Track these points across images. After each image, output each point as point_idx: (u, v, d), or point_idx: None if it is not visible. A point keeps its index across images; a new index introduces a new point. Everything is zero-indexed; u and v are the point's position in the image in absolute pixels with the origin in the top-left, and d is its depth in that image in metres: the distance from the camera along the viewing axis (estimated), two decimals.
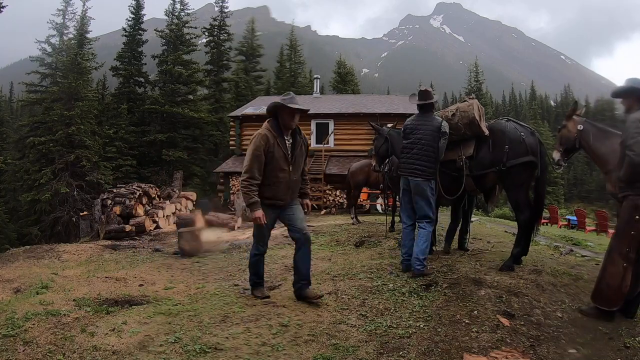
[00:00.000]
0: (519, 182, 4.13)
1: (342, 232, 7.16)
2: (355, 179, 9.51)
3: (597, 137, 4.03)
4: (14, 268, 5.44)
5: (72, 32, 23.05)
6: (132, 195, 10.03)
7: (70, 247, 6.93)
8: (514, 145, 4.09)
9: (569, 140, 4.13)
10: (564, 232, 11.00)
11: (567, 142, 4.15)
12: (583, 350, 2.66)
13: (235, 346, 2.60)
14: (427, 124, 4.12)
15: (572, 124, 4.12)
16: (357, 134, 15.90)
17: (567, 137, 4.14)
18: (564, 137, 4.16)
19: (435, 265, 4.33)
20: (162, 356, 2.47)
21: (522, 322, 2.96)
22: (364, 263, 4.57)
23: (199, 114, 23.33)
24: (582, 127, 4.06)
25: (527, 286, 3.55)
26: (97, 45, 25.27)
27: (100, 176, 18.91)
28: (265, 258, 5.14)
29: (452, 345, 2.69)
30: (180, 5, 25.93)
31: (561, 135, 4.19)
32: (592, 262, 5.01)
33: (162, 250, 6.82)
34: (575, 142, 4.07)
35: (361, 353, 2.60)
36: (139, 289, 4.06)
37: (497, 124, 4.37)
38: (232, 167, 16.20)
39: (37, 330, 2.75)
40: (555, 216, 15.19)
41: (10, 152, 21.71)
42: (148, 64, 26.15)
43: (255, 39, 33.13)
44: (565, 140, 4.16)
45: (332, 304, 3.36)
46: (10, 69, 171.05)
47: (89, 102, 20.15)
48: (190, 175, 22.34)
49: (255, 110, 17.42)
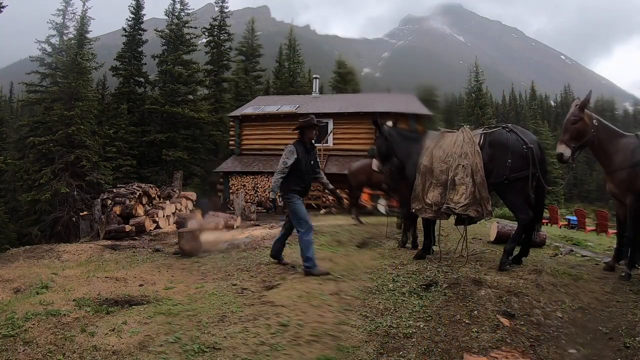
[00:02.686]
0: (518, 190, 4.17)
1: (343, 232, 7.15)
2: (356, 178, 9.47)
3: (609, 135, 3.83)
4: (14, 268, 5.44)
5: (72, 32, 23.05)
6: (132, 195, 10.02)
7: (70, 247, 6.93)
8: (516, 160, 4.07)
9: (586, 135, 3.75)
10: (564, 232, 10.99)
11: (584, 137, 3.75)
12: (583, 350, 2.66)
13: (233, 345, 2.60)
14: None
15: (588, 118, 3.79)
16: (356, 133, 15.90)
17: (583, 132, 3.76)
18: (581, 131, 3.76)
19: (435, 265, 4.34)
20: (161, 356, 2.47)
21: (522, 322, 2.96)
22: (366, 264, 4.56)
23: (199, 114, 23.32)
24: (597, 122, 3.78)
25: (527, 286, 3.55)
26: (97, 45, 25.25)
27: (100, 176, 18.91)
28: (264, 257, 5.16)
29: (452, 345, 2.69)
30: (180, 5, 25.95)
31: (577, 129, 3.79)
32: (592, 262, 5.01)
33: (162, 250, 6.81)
34: (593, 138, 3.73)
35: (361, 353, 2.59)
36: (139, 289, 4.06)
37: (500, 136, 4.27)
38: (232, 167, 16.20)
39: (37, 330, 2.75)
40: (555, 216, 15.17)
41: (10, 152, 21.71)
42: (148, 64, 26.14)
43: (255, 39, 33.13)
44: (582, 134, 3.75)
45: (335, 304, 3.35)
46: (10, 69, 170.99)
47: (89, 102, 20.14)
48: (190, 175, 22.34)
49: (255, 110, 17.43)
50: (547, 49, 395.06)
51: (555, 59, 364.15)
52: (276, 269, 4.67)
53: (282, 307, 3.24)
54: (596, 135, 3.82)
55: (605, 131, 3.88)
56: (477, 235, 6.51)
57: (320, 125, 3.94)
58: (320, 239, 6.48)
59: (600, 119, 3.98)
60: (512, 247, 4.27)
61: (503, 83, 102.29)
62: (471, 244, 5.42)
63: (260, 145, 16.90)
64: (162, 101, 23.05)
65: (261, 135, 16.95)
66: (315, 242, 6.04)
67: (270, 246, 6.00)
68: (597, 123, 3.86)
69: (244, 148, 17.15)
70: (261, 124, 17.05)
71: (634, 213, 3.94)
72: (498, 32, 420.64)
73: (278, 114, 16.86)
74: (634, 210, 3.92)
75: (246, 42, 32.59)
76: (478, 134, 4.41)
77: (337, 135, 16.15)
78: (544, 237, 6.15)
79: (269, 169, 15.52)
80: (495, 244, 5.87)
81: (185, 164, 22.02)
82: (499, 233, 5.93)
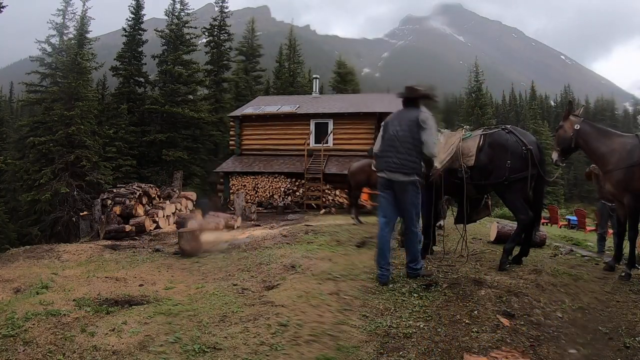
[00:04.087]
0: (517, 190, 4.19)
1: (343, 232, 7.15)
2: (356, 178, 9.49)
3: (596, 137, 4.09)
4: (14, 268, 5.44)
5: (72, 32, 23.06)
6: (132, 195, 10.02)
7: (70, 247, 6.92)
8: (516, 161, 4.11)
9: (565, 140, 4.20)
10: (564, 232, 11.00)
11: (564, 142, 4.22)
12: (583, 350, 2.66)
13: (233, 345, 2.60)
14: (404, 116, 3.92)
15: (569, 124, 4.20)
16: (356, 133, 15.89)
17: (563, 137, 4.22)
18: (560, 137, 4.24)
19: (435, 265, 4.34)
20: (162, 356, 2.47)
21: (522, 322, 2.96)
22: (366, 263, 4.56)
23: (199, 114, 23.34)
24: (579, 127, 4.13)
25: (527, 286, 3.56)
26: (97, 45, 25.27)
27: (100, 176, 18.91)
28: (264, 257, 5.17)
29: (452, 345, 2.68)
30: (180, 5, 25.97)
31: (558, 135, 4.26)
32: (592, 262, 5.02)
33: (162, 250, 6.81)
34: (572, 142, 4.15)
35: (361, 353, 2.59)
36: (139, 289, 4.06)
37: (499, 137, 4.31)
38: (232, 167, 16.19)
39: (37, 330, 2.75)
40: (555, 216, 15.19)
41: (10, 152, 21.72)
42: (148, 64, 26.15)
43: (255, 39, 33.14)
44: (562, 140, 4.23)
45: (335, 304, 3.35)
46: (10, 69, 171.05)
47: (89, 102, 20.15)
48: (190, 175, 22.35)
49: (255, 111, 17.42)
50: (547, 49, 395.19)
51: (555, 59, 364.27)
52: (276, 269, 4.67)
53: (281, 307, 3.24)
54: (578, 140, 4.11)
55: (592, 134, 4.09)
56: (477, 235, 6.51)
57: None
58: (319, 239, 6.48)
59: (589, 124, 4.18)
60: (512, 246, 4.31)
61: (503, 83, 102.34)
62: (471, 244, 5.42)
63: (260, 145, 16.90)
64: (162, 101, 23.06)
65: (261, 136, 16.95)
66: (314, 242, 6.06)
67: (270, 246, 6.02)
68: (578, 127, 4.11)
69: (244, 148, 17.14)
70: (261, 124, 17.04)
71: (632, 212, 3.99)
72: (498, 32, 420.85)
73: (278, 114, 16.86)
74: (633, 210, 3.96)
75: (246, 42, 32.60)
76: (477, 135, 4.43)
77: (337, 135, 16.14)
78: (544, 237, 6.16)
79: (269, 169, 15.52)
80: (495, 244, 5.88)
81: (185, 164, 22.04)
82: (499, 233, 5.93)
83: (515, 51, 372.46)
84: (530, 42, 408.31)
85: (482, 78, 37.61)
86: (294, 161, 15.75)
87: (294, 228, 7.91)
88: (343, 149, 15.97)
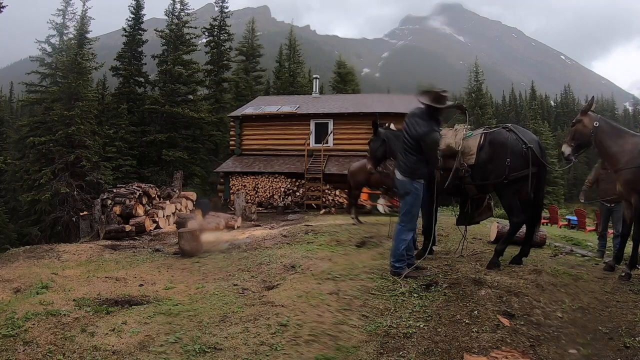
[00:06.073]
0: (515, 191, 4.20)
1: (342, 232, 7.15)
2: (356, 178, 9.49)
3: (611, 135, 4.00)
4: (14, 268, 5.43)
5: (72, 32, 23.07)
6: (132, 195, 10.03)
7: (70, 247, 6.93)
8: (516, 159, 4.10)
9: (584, 136, 4.07)
10: (564, 232, 10.99)
11: (582, 138, 4.09)
12: (583, 350, 2.66)
13: (234, 346, 2.61)
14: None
15: (588, 120, 4.06)
16: (356, 134, 15.89)
17: (581, 133, 4.09)
18: (579, 132, 4.09)
19: (435, 265, 4.34)
20: (162, 356, 2.47)
21: (522, 322, 2.96)
22: (366, 263, 4.56)
23: (199, 114, 23.31)
24: (598, 123, 4.02)
25: (527, 286, 3.55)
26: (97, 45, 25.24)
27: (100, 176, 18.89)
28: (264, 258, 5.17)
29: (452, 345, 2.68)
30: (180, 5, 25.92)
31: (575, 130, 4.11)
32: (592, 262, 5.02)
33: (162, 250, 6.81)
34: (591, 138, 4.02)
35: (361, 353, 2.59)
36: (139, 289, 4.06)
37: (499, 135, 4.31)
38: (232, 167, 16.19)
39: (37, 330, 2.75)
40: (555, 216, 15.17)
41: (10, 152, 21.67)
42: (148, 64, 26.14)
43: (256, 39, 33.10)
44: (580, 135, 4.09)
45: (334, 304, 3.35)
46: (10, 69, 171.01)
47: (89, 102, 20.13)
48: (190, 175, 22.34)
49: (255, 110, 17.42)
50: (547, 49, 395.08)
51: (555, 59, 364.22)
52: (276, 269, 4.67)
53: (281, 307, 3.24)
54: (596, 136, 3.99)
55: (608, 132, 4.01)
56: (477, 235, 6.51)
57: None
58: (319, 239, 6.49)
59: (606, 121, 4.11)
60: (504, 248, 4.34)
61: (503, 83, 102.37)
62: (471, 244, 5.42)
63: (260, 145, 16.91)
64: (162, 101, 23.04)
65: (261, 136, 16.95)
66: (314, 242, 6.06)
67: (270, 246, 6.02)
68: (597, 124, 4.01)
69: (245, 148, 17.14)
70: (261, 124, 17.04)
71: (639, 213, 3.96)
72: (498, 32, 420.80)
73: (278, 114, 16.86)
74: (639, 210, 3.94)
75: (246, 42, 32.57)
76: (478, 133, 4.43)
77: (337, 135, 16.15)
78: (544, 237, 6.16)
79: (270, 169, 15.52)
80: (495, 244, 5.86)
81: (185, 164, 22.02)
82: (499, 233, 5.93)
83: (515, 51, 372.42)
84: (530, 42, 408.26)
85: (482, 78, 37.59)
86: (294, 161, 15.76)
87: (294, 228, 7.91)
88: (343, 149, 15.98)
